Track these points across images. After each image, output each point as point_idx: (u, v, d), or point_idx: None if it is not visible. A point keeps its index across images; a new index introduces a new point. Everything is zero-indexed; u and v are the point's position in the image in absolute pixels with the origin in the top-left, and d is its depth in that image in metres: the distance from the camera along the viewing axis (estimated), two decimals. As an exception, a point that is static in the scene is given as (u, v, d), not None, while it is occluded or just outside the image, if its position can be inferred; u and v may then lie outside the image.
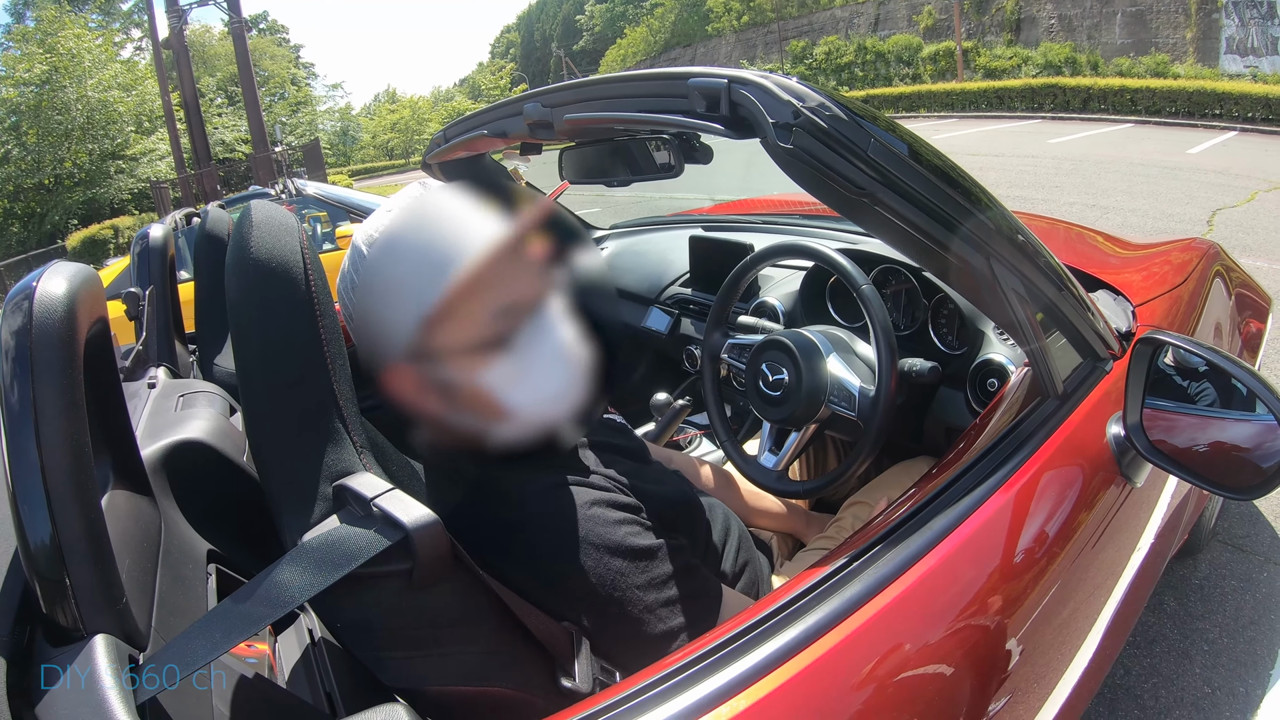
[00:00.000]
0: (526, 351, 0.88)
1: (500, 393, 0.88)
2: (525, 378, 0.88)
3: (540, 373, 0.89)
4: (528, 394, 0.89)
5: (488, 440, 0.91)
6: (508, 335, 0.87)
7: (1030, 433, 1.10)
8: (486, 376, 0.87)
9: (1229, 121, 15.53)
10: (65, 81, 23.90)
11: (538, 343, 0.89)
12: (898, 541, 0.91)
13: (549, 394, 0.90)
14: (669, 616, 0.94)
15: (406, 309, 0.84)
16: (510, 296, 0.87)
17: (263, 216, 0.81)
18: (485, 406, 0.89)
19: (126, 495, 0.93)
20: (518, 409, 0.89)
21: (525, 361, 0.88)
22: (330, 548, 0.71)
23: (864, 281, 1.52)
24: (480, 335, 0.86)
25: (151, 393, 1.46)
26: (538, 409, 0.90)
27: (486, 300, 0.85)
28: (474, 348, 0.86)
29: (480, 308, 0.85)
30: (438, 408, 0.90)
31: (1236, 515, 2.57)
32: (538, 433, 0.91)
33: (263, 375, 0.79)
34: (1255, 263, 5.44)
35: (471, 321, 0.85)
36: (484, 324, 0.86)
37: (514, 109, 1.26)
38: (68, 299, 0.69)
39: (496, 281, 0.85)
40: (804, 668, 0.77)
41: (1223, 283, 2.00)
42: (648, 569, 0.94)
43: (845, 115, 0.84)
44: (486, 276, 0.84)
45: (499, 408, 0.89)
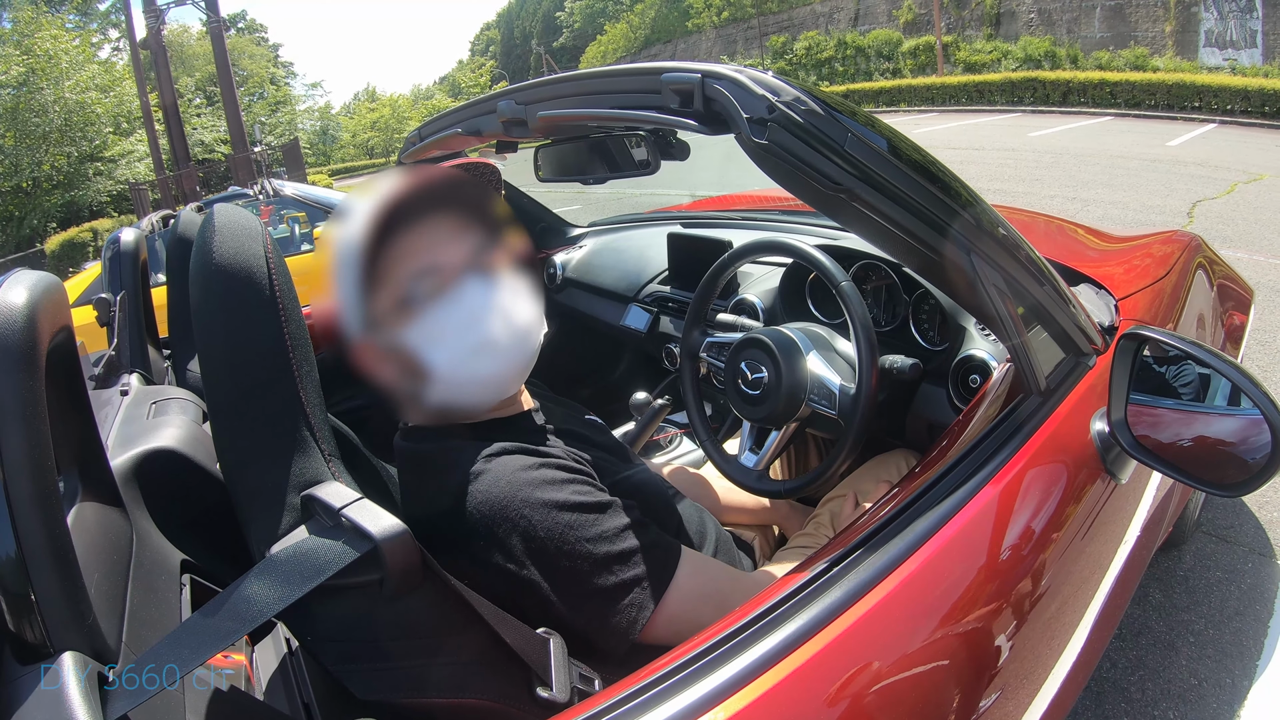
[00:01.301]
0: (441, 310, 0.94)
1: (420, 350, 0.94)
2: (441, 336, 0.94)
3: (454, 331, 0.95)
4: (442, 352, 0.94)
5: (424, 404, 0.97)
6: (426, 294, 0.94)
7: (1013, 430, 1.10)
8: (408, 335, 0.94)
9: (1208, 114, 15.64)
10: (42, 83, 23.65)
11: (452, 302, 0.95)
12: (882, 543, 0.90)
13: (465, 351, 0.95)
14: (620, 570, 0.96)
15: (348, 282, 0.92)
16: (421, 258, 0.94)
17: (225, 221, 0.79)
18: (412, 366, 0.95)
19: (96, 507, 0.92)
20: (435, 367, 0.95)
21: (440, 319, 0.94)
22: (299, 560, 0.70)
23: (843, 278, 1.51)
24: (401, 295, 0.93)
25: (124, 400, 1.44)
26: (457, 367, 0.95)
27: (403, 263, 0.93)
28: (398, 308, 0.93)
29: (399, 270, 0.93)
30: (391, 376, 0.96)
31: (1220, 507, 2.58)
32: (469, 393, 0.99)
33: (228, 382, 0.77)
34: (1235, 254, 5.48)
35: (393, 283, 0.93)
36: (402, 285, 0.93)
37: (488, 107, 1.25)
38: (28, 309, 0.67)
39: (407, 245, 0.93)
40: (789, 674, 0.76)
41: (1205, 275, 2.00)
42: (597, 522, 0.95)
43: (821, 110, 0.82)
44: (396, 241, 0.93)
45: (419, 367, 0.95)
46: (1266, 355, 3.72)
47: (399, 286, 0.93)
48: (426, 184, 0.97)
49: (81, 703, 0.61)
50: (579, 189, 1.92)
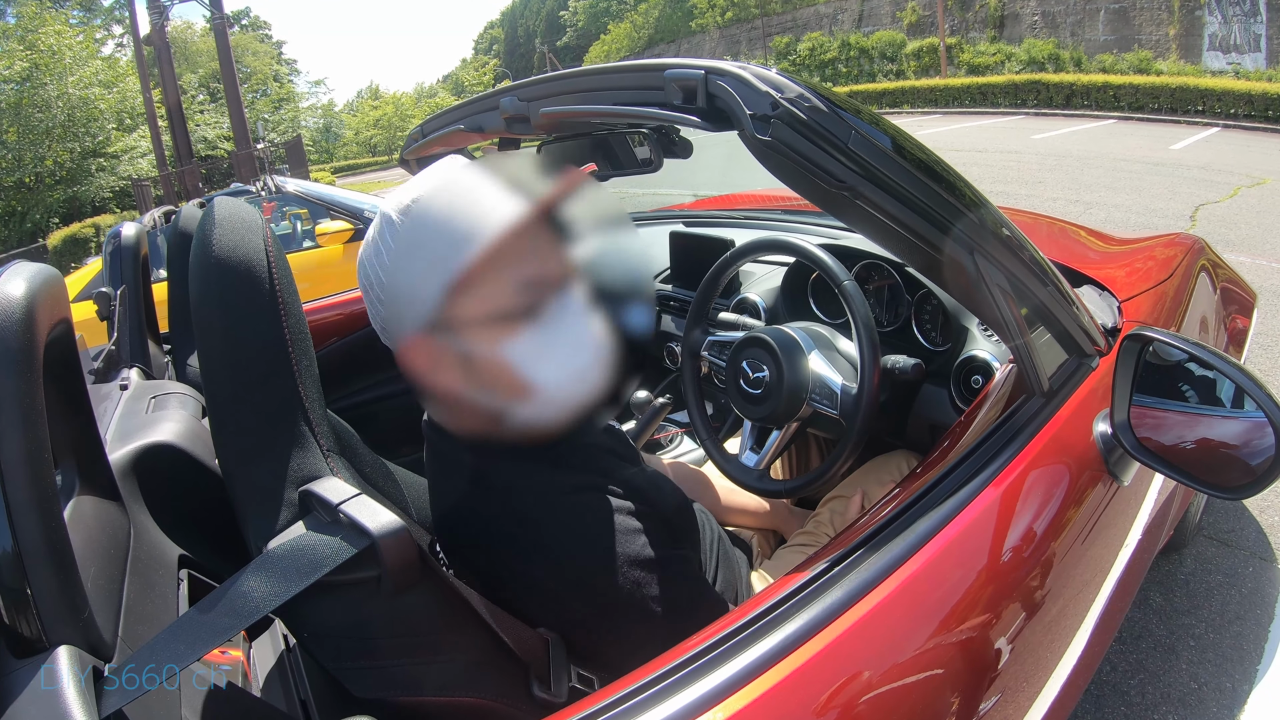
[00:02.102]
0: (550, 325, 0.86)
1: (523, 367, 0.86)
2: (549, 353, 0.86)
3: (565, 350, 0.87)
4: (552, 371, 0.87)
5: (506, 420, 0.88)
6: (533, 307, 0.85)
7: (1016, 431, 1.09)
8: (510, 349, 0.85)
9: (1212, 118, 15.63)
10: (46, 79, 23.61)
11: (562, 318, 0.87)
12: (883, 544, 0.89)
13: (573, 372, 0.88)
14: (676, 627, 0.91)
15: (432, 276, 0.82)
16: (536, 269, 0.85)
17: (225, 214, 0.79)
18: (507, 381, 0.86)
19: (93, 501, 0.91)
20: (541, 386, 0.87)
21: (550, 336, 0.86)
22: (296, 555, 0.69)
23: (846, 277, 1.50)
24: (504, 306, 0.84)
25: (123, 394, 1.43)
26: (561, 388, 0.88)
27: (511, 271, 0.83)
28: (497, 318, 0.84)
29: (504, 278, 0.83)
30: (456, 383, 0.88)
31: (1221, 510, 2.58)
32: (558, 417, 0.89)
33: (226, 377, 0.77)
34: (1238, 258, 5.47)
35: (495, 291, 0.83)
36: (508, 294, 0.84)
37: (490, 103, 1.24)
38: (26, 301, 0.67)
39: (521, 252, 0.83)
40: (788, 674, 0.75)
41: (1208, 278, 2.00)
42: (659, 580, 0.92)
43: (825, 107, 0.82)
44: (511, 247, 0.82)
45: (521, 383, 0.86)
46: (1269, 359, 3.72)
47: (503, 295, 0.84)
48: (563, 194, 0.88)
49: (76, 697, 0.61)
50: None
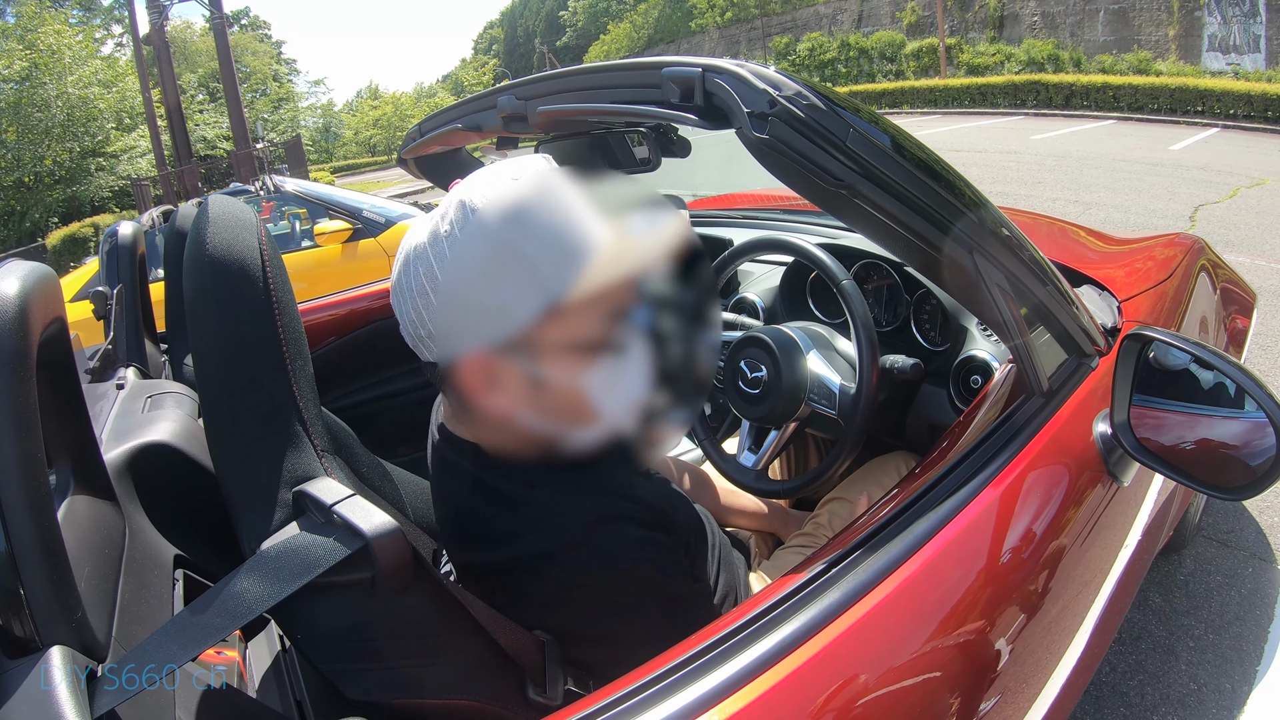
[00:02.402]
0: (626, 357, 0.84)
1: (594, 395, 0.83)
2: (620, 383, 0.84)
3: (631, 380, 0.85)
4: (617, 400, 0.85)
5: (558, 446, 0.86)
6: (615, 338, 0.83)
7: (1015, 431, 1.09)
8: (587, 378, 0.83)
9: (1211, 118, 15.66)
10: (45, 78, 23.61)
11: (634, 348, 0.85)
12: (881, 544, 0.89)
13: (633, 402, 0.86)
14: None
15: (530, 293, 0.77)
16: (626, 300, 0.82)
17: (220, 212, 0.79)
18: (576, 409, 0.84)
19: (88, 500, 0.91)
20: (606, 414, 0.85)
21: (622, 367, 0.84)
22: (289, 556, 0.69)
23: (844, 277, 1.50)
24: (594, 335, 0.81)
25: (119, 394, 1.43)
26: (621, 417, 0.86)
27: (609, 300, 0.80)
28: (584, 347, 0.81)
29: (602, 306, 0.80)
30: (514, 405, 0.84)
31: (1221, 511, 2.58)
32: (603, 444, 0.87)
33: (220, 376, 0.77)
34: (1238, 258, 5.47)
35: (590, 319, 0.80)
36: (600, 324, 0.81)
37: (488, 102, 1.24)
38: (19, 300, 0.66)
39: (631, 283, 0.82)
40: (786, 675, 0.75)
41: (1208, 278, 2.00)
42: (680, 613, 0.91)
43: (823, 105, 0.81)
44: (625, 276, 0.80)
45: (590, 411, 0.84)
46: (1269, 359, 3.72)
47: (592, 324, 0.81)
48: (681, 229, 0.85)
49: (70, 698, 0.60)
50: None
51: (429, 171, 1.72)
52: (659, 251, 0.83)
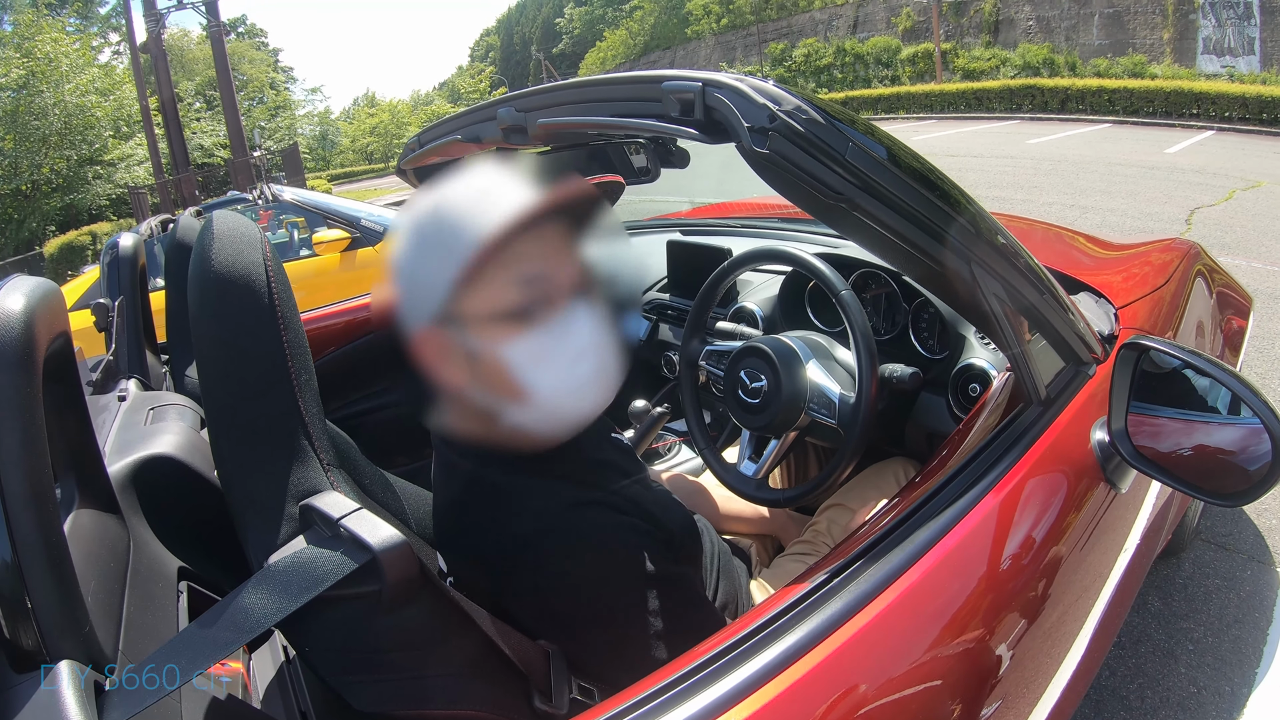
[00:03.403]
0: (553, 333, 0.87)
1: (520, 370, 0.86)
2: (548, 360, 0.87)
3: (564, 359, 0.88)
4: (549, 378, 0.87)
5: (499, 422, 0.89)
6: (534, 309, 0.86)
7: (1014, 440, 1.09)
8: (509, 350, 0.86)
9: (1206, 121, 15.69)
10: (42, 86, 23.56)
11: (566, 327, 0.88)
12: (883, 554, 0.89)
13: (570, 383, 0.89)
14: (675, 645, 0.91)
15: (442, 268, 0.83)
16: (539, 268, 0.86)
17: (225, 228, 0.79)
18: (505, 384, 0.87)
19: (93, 514, 0.91)
20: (537, 391, 0.87)
21: (550, 343, 0.87)
22: (297, 570, 0.69)
23: (843, 287, 1.51)
24: (506, 303, 0.85)
25: (121, 406, 1.43)
26: (557, 397, 0.89)
27: (514, 268, 0.85)
28: (499, 316, 0.85)
29: (507, 274, 0.85)
30: (461, 380, 0.89)
31: (1219, 515, 2.58)
32: (551, 426, 0.91)
33: (225, 390, 0.77)
34: (1234, 261, 5.48)
35: (498, 287, 0.85)
36: (510, 291, 0.85)
37: (488, 114, 1.24)
38: (25, 315, 0.67)
39: (526, 251, 0.85)
40: (790, 685, 0.75)
41: (1204, 283, 2.00)
42: (662, 597, 0.92)
43: (822, 119, 0.82)
44: (515, 243, 0.83)
45: (518, 387, 0.87)
46: (1265, 362, 3.73)
47: (503, 291, 0.85)
48: (573, 198, 0.89)
49: (78, 711, 0.60)
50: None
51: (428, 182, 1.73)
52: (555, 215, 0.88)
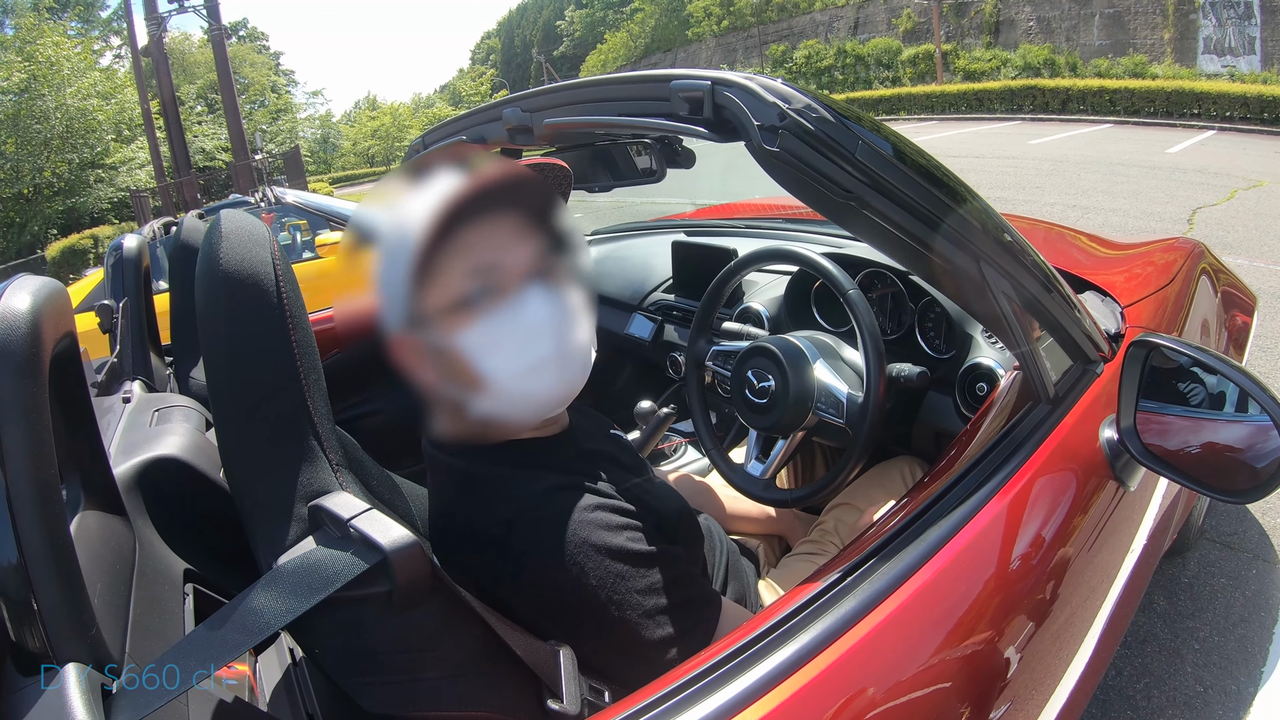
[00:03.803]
0: (503, 317, 0.88)
1: (474, 357, 0.88)
2: (500, 344, 0.88)
3: (516, 342, 0.89)
4: (502, 362, 0.88)
5: (467, 414, 0.91)
6: (482, 295, 0.87)
7: (1023, 438, 1.09)
8: (463, 339, 0.88)
9: (1207, 121, 15.68)
10: (44, 90, 23.62)
11: (516, 310, 0.88)
12: (893, 553, 0.89)
13: (525, 366, 0.89)
14: (666, 623, 0.92)
15: (395, 271, 0.85)
16: (485, 255, 0.87)
17: (232, 227, 0.79)
18: (463, 373, 0.89)
19: (98, 515, 0.91)
20: (492, 378, 0.89)
21: (501, 327, 0.88)
22: (306, 571, 0.69)
23: (850, 286, 1.50)
24: (456, 293, 0.87)
25: (126, 407, 1.43)
26: (514, 382, 0.90)
27: (461, 257, 0.86)
28: (452, 307, 0.87)
29: (455, 265, 0.86)
30: (433, 378, 0.90)
31: (1224, 513, 2.58)
32: (515, 412, 0.92)
33: (233, 391, 0.76)
34: (1236, 260, 5.47)
35: (448, 279, 0.86)
36: (459, 281, 0.87)
37: (493, 114, 1.24)
38: (31, 315, 0.67)
39: (469, 238, 0.86)
40: (802, 686, 0.75)
41: (1208, 281, 2.00)
42: (647, 575, 0.92)
43: (832, 117, 0.82)
44: (457, 232, 0.85)
45: (474, 375, 0.88)
46: (1269, 360, 3.73)
47: (456, 283, 0.86)
48: (497, 179, 0.88)
49: (84, 714, 0.60)
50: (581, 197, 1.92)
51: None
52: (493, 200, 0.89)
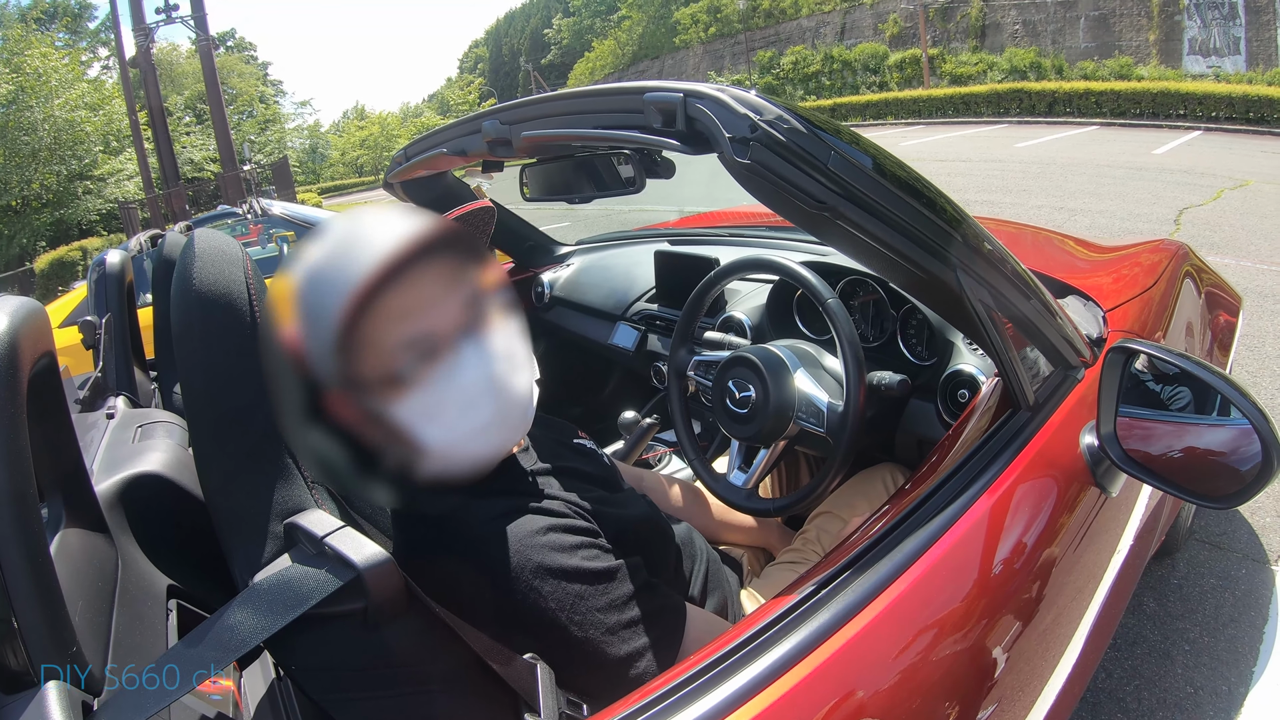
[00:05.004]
0: (440, 387, 0.84)
1: (414, 428, 0.84)
2: (439, 415, 0.84)
3: (455, 411, 0.85)
4: (442, 432, 0.85)
5: (415, 473, 0.87)
6: (416, 369, 0.82)
7: (1003, 445, 1.09)
8: (400, 411, 0.83)
9: (1193, 121, 15.81)
10: (32, 101, 23.58)
11: (452, 376, 0.84)
12: (873, 561, 0.89)
13: (467, 431, 0.87)
14: (631, 637, 0.93)
15: (315, 334, 0.78)
16: (418, 324, 0.82)
17: (205, 246, 0.79)
18: (403, 442, 0.85)
19: (80, 533, 0.90)
20: (432, 447, 0.85)
21: (439, 398, 0.84)
22: (282, 588, 0.69)
23: (829, 295, 1.50)
24: (390, 365, 0.81)
25: (110, 424, 1.42)
26: (456, 446, 0.87)
27: (392, 325, 0.80)
28: (385, 380, 0.82)
29: (387, 333, 0.80)
30: (374, 437, 0.84)
31: (1212, 515, 2.59)
32: (462, 469, 0.89)
33: (209, 409, 0.77)
34: (1223, 260, 5.51)
35: (376, 352, 0.80)
36: (393, 353, 0.81)
37: (473, 127, 1.25)
38: (8, 336, 0.66)
39: (399, 304, 0.80)
40: (782, 695, 0.75)
41: (1193, 283, 2.01)
42: (607, 591, 0.92)
43: (804, 128, 0.82)
44: (385, 298, 0.79)
45: (415, 443, 0.85)
46: (1256, 360, 3.75)
47: (387, 357, 0.81)
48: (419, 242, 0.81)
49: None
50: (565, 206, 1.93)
51: (415, 196, 1.73)
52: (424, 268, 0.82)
